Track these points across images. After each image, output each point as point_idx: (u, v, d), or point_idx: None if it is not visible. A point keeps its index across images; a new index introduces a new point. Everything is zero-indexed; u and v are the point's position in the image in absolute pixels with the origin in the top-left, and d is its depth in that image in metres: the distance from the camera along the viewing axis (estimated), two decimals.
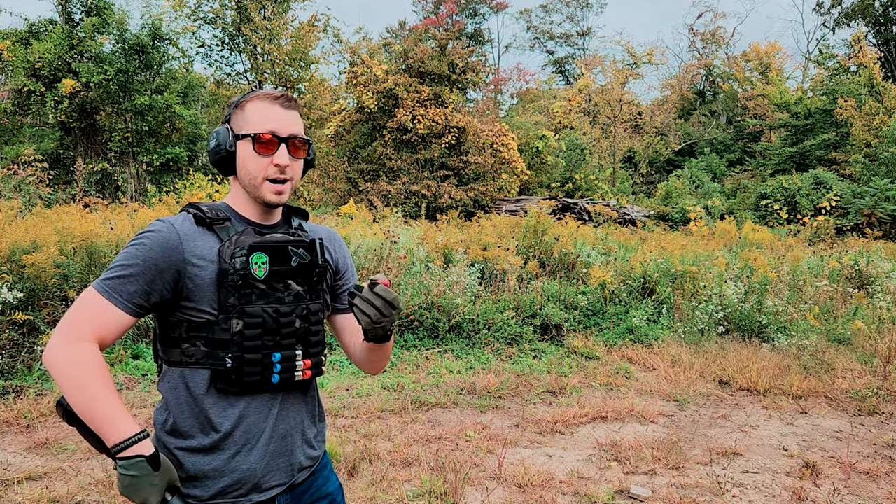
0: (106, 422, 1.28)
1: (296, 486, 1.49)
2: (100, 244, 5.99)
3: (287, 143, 1.44)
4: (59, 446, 3.91)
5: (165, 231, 1.37)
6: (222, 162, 1.47)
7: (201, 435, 1.38)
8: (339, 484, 1.64)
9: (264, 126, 1.42)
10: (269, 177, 1.43)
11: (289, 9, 20.69)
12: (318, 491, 1.55)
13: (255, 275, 1.38)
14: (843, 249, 11.77)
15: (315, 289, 1.50)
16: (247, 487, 1.40)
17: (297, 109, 1.48)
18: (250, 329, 1.37)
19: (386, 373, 5.76)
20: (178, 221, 1.40)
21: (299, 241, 1.47)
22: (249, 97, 1.46)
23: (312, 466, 1.54)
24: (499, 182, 18.58)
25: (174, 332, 1.39)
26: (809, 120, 25.06)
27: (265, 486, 1.42)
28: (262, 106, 1.44)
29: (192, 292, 1.36)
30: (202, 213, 1.41)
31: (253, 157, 1.42)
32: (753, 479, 3.82)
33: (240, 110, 1.46)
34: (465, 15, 38.38)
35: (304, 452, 1.51)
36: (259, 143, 1.42)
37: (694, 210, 16.24)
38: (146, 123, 15.50)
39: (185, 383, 1.39)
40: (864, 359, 6.35)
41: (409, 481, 3.61)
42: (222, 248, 1.38)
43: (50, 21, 15.85)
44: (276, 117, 1.43)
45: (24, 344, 5.21)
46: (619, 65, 30.12)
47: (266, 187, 1.44)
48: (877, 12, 30.89)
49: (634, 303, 7.75)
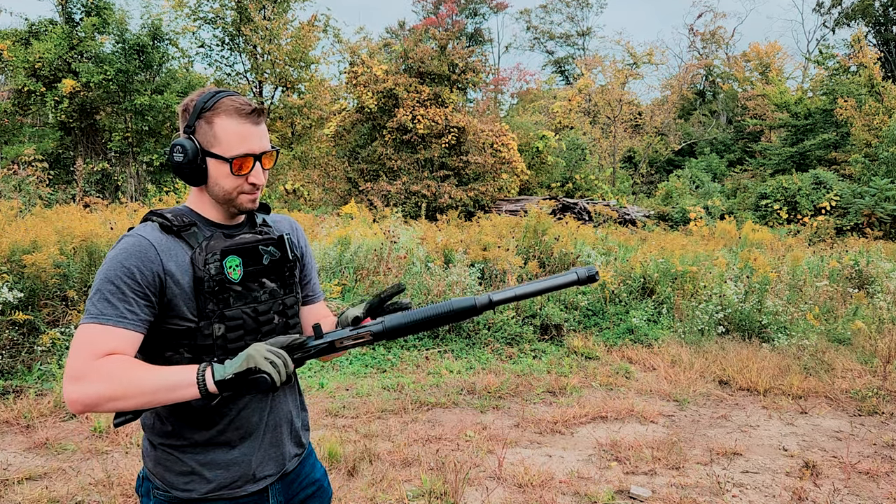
0: (171, 387, 1.25)
1: (287, 475, 1.53)
2: (100, 244, 5.99)
3: (260, 159, 1.42)
4: (59, 446, 3.91)
5: (140, 244, 1.33)
6: (188, 176, 1.42)
7: (196, 431, 1.40)
8: (324, 470, 1.69)
9: (240, 148, 1.39)
10: (243, 192, 1.43)
11: (289, 9, 20.69)
12: (307, 478, 1.60)
13: (230, 278, 1.38)
14: (843, 249, 11.76)
15: (288, 283, 1.52)
16: (242, 479, 1.43)
17: (263, 119, 1.45)
18: (232, 332, 1.38)
19: (386, 373, 5.76)
20: (148, 232, 1.37)
21: (268, 238, 1.49)
22: (216, 110, 1.39)
23: (301, 454, 1.59)
24: (499, 182, 18.58)
25: (156, 341, 1.38)
26: (809, 120, 25.05)
27: (259, 476, 1.45)
28: (233, 124, 1.38)
29: (171, 302, 1.34)
30: (167, 220, 1.38)
31: (228, 176, 1.40)
32: (753, 479, 3.82)
33: (206, 123, 1.39)
34: (465, 15, 38.37)
35: (293, 440, 1.56)
36: (237, 166, 1.39)
37: (694, 210, 16.23)
38: (146, 123, 15.50)
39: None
40: (864, 359, 6.35)
41: (409, 481, 3.61)
42: (194, 255, 1.37)
43: (50, 21, 15.85)
44: (249, 136, 1.40)
45: (24, 344, 5.21)
46: (619, 65, 30.13)
47: (241, 199, 1.44)
48: (877, 12, 30.88)
49: (634, 303, 7.75)
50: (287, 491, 1.53)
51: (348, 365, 5.87)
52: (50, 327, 5.38)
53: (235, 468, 1.41)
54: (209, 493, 1.39)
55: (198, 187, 1.45)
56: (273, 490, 1.49)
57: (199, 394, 1.25)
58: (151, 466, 1.43)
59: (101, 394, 1.22)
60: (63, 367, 4.90)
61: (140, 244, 1.33)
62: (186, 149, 1.39)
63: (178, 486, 1.39)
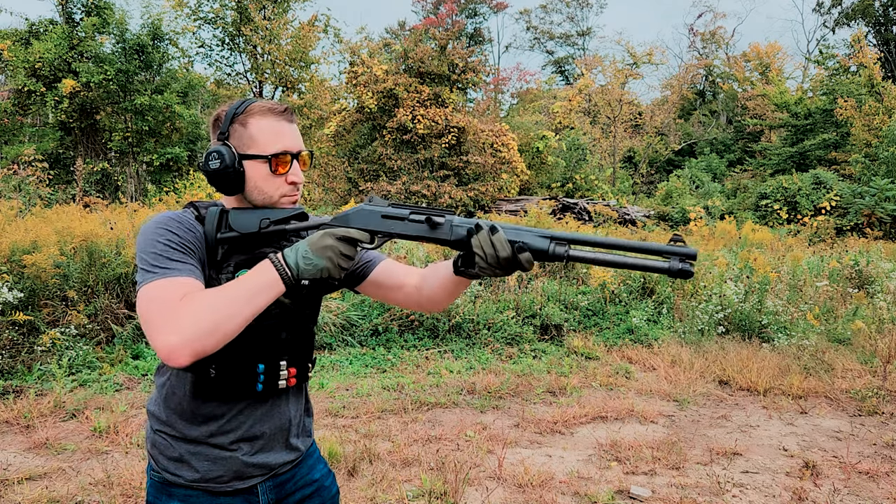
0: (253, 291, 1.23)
1: (278, 475, 1.52)
2: (100, 244, 5.99)
3: (298, 159, 1.44)
4: (59, 446, 3.91)
5: (178, 215, 1.36)
6: (225, 181, 1.40)
7: (188, 427, 1.42)
8: (327, 470, 1.65)
9: (277, 145, 1.40)
10: (284, 194, 1.43)
11: (289, 9, 20.68)
12: (303, 479, 1.57)
13: None
14: (843, 249, 11.76)
15: (306, 299, 1.49)
16: (228, 475, 1.43)
17: (296, 120, 1.47)
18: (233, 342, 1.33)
19: (386, 373, 5.76)
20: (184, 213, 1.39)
21: None
22: (249, 111, 1.41)
23: (294, 460, 1.56)
24: (499, 182, 18.58)
25: None
26: (809, 120, 25.06)
27: (246, 476, 1.46)
28: (268, 123, 1.40)
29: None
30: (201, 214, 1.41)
31: (268, 177, 1.40)
32: (753, 479, 3.82)
33: (240, 126, 1.41)
34: (465, 15, 38.36)
35: (288, 448, 1.54)
36: (277, 164, 1.40)
37: (694, 210, 16.23)
38: (146, 123, 15.49)
39: (173, 384, 1.42)
40: (865, 359, 6.35)
41: (409, 481, 3.61)
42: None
43: (50, 21, 15.83)
44: (285, 133, 1.41)
45: (24, 344, 5.21)
46: (619, 65, 30.13)
47: (283, 202, 1.43)
48: (877, 12, 30.88)
49: (634, 303, 7.75)
50: (279, 491, 1.52)
51: (348, 364, 5.88)
52: (50, 327, 5.38)
53: (222, 464, 1.43)
54: (195, 482, 1.42)
55: (234, 196, 1.44)
56: (263, 487, 1.49)
57: (284, 287, 1.25)
58: (149, 448, 1.49)
59: (199, 326, 1.17)
60: (62, 366, 4.91)
61: (177, 215, 1.36)
62: (223, 154, 1.38)
63: (168, 469, 1.43)
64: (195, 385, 1.38)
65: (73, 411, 4.46)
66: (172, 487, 1.43)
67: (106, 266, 5.93)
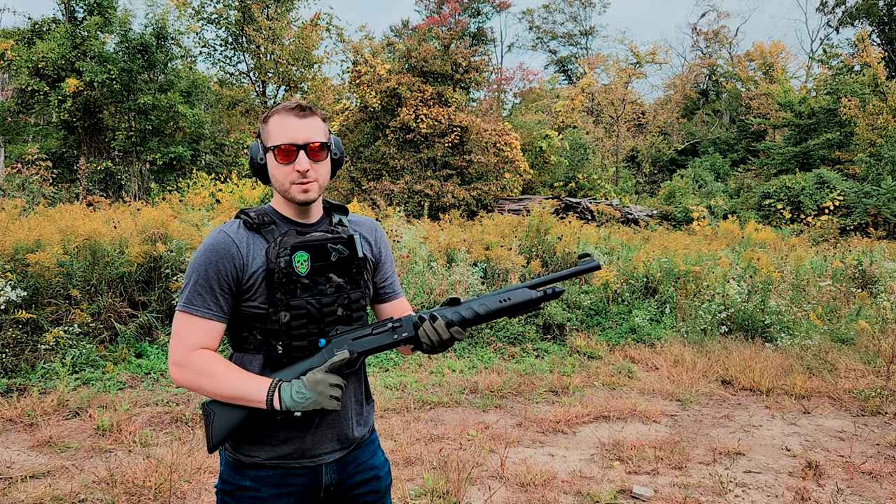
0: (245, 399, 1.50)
1: (342, 457, 1.67)
2: (103, 243, 6.00)
3: (305, 150, 1.58)
4: (63, 444, 3.92)
5: (223, 240, 1.57)
6: (259, 173, 1.66)
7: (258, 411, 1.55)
8: (384, 459, 1.79)
9: (282, 138, 1.57)
10: (294, 181, 1.59)
11: (292, 8, 20.69)
12: (364, 463, 1.71)
13: (297, 272, 1.57)
14: (847, 249, 11.73)
15: (355, 279, 1.67)
16: (298, 454, 1.60)
17: (313, 116, 1.61)
18: (296, 320, 1.57)
19: (388, 372, 5.77)
20: (233, 229, 1.59)
21: (338, 237, 1.64)
22: (272, 112, 1.62)
23: (359, 441, 1.71)
24: (501, 181, 18.58)
25: (236, 322, 1.61)
26: (813, 119, 24.98)
27: (313, 454, 1.61)
28: (279, 119, 1.59)
29: (248, 289, 1.57)
30: (250, 218, 1.60)
31: (277, 167, 1.60)
32: (756, 479, 3.81)
33: (264, 125, 1.63)
34: (468, 14, 38.32)
35: (351, 428, 1.67)
36: (279, 154, 1.58)
37: (697, 210, 16.21)
38: (149, 122, 15.49)
39: (243, 366, 1.60)
40: (868, 359, 6.33)
41: (411, 480, 3.61)
42: (269, 249, 1.57)
43: (53, 20, 15.85)
44: (291, 127, 1.58)
45: (27, 342, 5.23)
46: (622, 64, 30.05)
47: (294, 189, 1.60)
48: (881, 11, 30.76)
49: (637, 302, 7.75)
50: (343, 471, 1.66)
51: None
52: (53, 326, 5.39)
53: (291, 443, 1.59)
54: (267, 460, 1.58)
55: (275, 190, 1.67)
56: (327, 469, 1.63)
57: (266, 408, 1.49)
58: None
59: (193, 385, 1.53)
60: (66, 364, 4.95)
61: (224, 242, 1.57)
62: (252, 148, 1.65)
63: (241, 449, 1.60)
64: (265, 360, 1.58)
65: (76, 409, 4.47)
66: (245, 468, 1.59)
67: (109, 265, 5.94)
